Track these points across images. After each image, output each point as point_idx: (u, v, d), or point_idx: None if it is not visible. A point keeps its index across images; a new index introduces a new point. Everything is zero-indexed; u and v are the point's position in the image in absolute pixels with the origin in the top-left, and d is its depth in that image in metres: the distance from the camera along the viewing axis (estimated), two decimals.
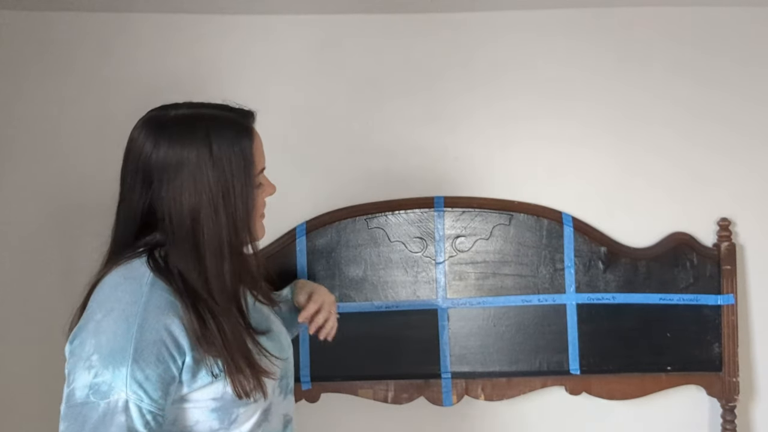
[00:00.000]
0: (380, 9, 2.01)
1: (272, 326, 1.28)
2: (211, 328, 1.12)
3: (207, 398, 1.14)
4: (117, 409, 1.06)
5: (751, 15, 2.06)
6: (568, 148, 2.06)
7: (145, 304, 1.11)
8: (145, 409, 1.07)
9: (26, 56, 1.98)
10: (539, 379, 1.99)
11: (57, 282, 1.99)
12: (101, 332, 1.09)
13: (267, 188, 1.28)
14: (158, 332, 1.09)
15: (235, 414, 1.16)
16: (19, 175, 1.99)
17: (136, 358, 1.07)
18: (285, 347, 1.29)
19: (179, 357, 1.10)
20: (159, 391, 1.08)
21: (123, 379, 1.06)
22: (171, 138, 1.17)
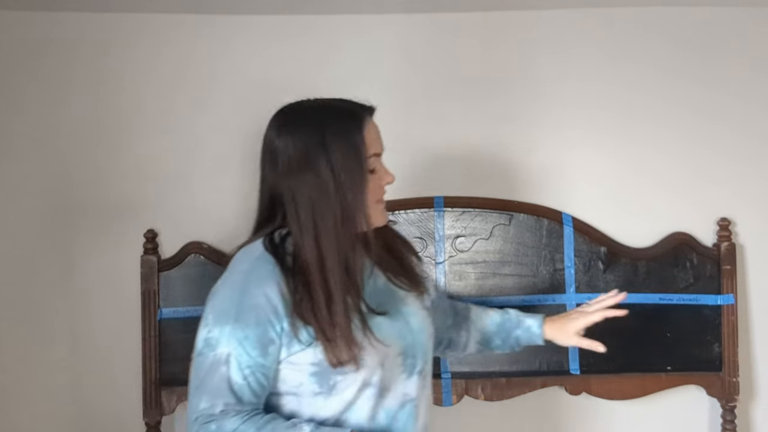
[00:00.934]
0: (379, 9, 2.01)
1: (402, 309, 1.34)
2: (307, 300, 1.23)
3: (306, 362, 1.25)
4: (221, 360, 1.22)
5: (751, 16, 2.06)
6: (568, 148, 2.06)
7: (248, 274, 1.26)
8: (244, 364, 1.22)
9: (26, 56, 1.98)
10: (539, 379, 1.99)
11: (57, 282, 1.99)
12: (216, 297, 1.29)
13: (383, 176, 1.33)
14: (257, 298, 1.23)
15: (333, 381, 1.25)
16: (19, 175, 1.99)
17: (237, 319, 1.23)
18: (406, 332, 1.33)
19: (277, 322, 1.23)
20: (257, 349, 1.22)
21: (227, 336, 1.23)
22: (290, 126, 1.30)
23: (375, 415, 1.29)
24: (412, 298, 1.38)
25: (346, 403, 1.27)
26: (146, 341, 1.93)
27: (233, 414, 1.22)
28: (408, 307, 1.36)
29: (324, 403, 1.27)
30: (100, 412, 2.00)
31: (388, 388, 1.30)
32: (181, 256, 1.97)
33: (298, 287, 1.23)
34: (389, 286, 1.36)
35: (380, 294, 1.33)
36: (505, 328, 1.62)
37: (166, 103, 2.02)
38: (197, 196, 2.02)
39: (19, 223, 1.98)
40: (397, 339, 1.30)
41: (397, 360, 1.30)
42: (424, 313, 1.39)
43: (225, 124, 2.03)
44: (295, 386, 1.27)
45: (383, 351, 1.27)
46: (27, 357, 1.99)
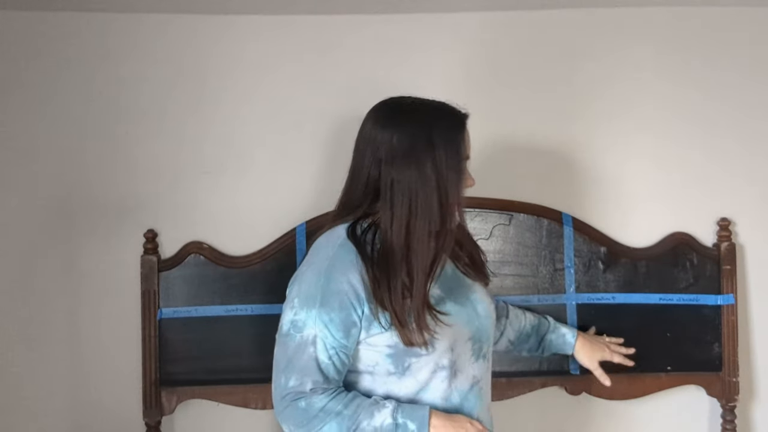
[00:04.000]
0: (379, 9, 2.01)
1: (470, 296, 1.46)
2: (385, 287, 1.33)
3: (383, 344, 1.36)
4: (308, 341, 1.34)
5: (751, 16, 2.06)
6: (567, 148, 2.06)
7: (332, 260, 1.36)
8: (329, 345, 1.34)
9: (25, 56, 1.98)
10: (539, 379, 1.99)
11: (57, 282, 1.99)
12: (302, 281, 1.38)
13: (468, 179, 1.43)
14: (341, 284, 1.34)
15: (407, 362, 1.36)
16: (19, 175, 1.98)
17: (323, 303, 1.34)
18: (474, 317, 1.43)
19: (359, 306, 1.34)
20: (341, 331, 1.34)
21: (313, 319, 1.34)
22: (395, 120, 1.40)
23: (449, 396, 1.39)
24: (479, 287, 1.50)
25: (420, 384, 1.38)
26: (146, 341, 1.93)
27: (321, 392, 1.34)
28: (476, 294, 1.47)
29: (398, 383, 1.38)
30: (100, 412, 2.00)
31: (459, 370, 1.41)
32: (181, 256, 1.97)
33: (378, 275, 1.33)
34: (457, 274, 1.47)
35: (450, 281, 1.45)
36: (540, 331, 1.79)
37: (166, 102, 2.02)
38: (197, 196, 2.02)
39: (18, 223, 1.98)
40: (466, 324, 1.42)
41: (467, 344, 1.41)
42: (489, 300, 1.51)
43: (225, 124, 2.03)
44: (372, 365, 1.39)
45: (453, 335, 1.38)
46: (27, 357, 1.99)
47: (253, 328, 1.92)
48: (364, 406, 1.35)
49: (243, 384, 1.91)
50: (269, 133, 2.03)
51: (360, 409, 1.34)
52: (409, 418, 1.33)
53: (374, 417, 1.33)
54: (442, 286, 1.42)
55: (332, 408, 1.33)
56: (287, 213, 1.98)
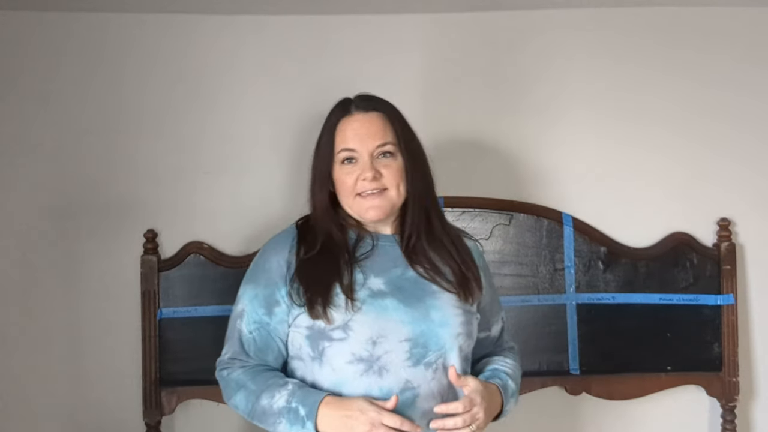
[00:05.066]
0: (379, 9, 2.01)
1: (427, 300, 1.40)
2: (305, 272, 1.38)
3: (303, 326, 1.38)
4: (238, 314, 1.43)
5: (751, 15, 2.06)
6: (568, 148, 2.06)
7: (271, 242, 1.47)
8: (252, 319, 1.41)
9: (25, 56, 1.98)
10: (539, 379, 1.99)
11: (57, 282, 1.99)
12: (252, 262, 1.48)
13: (355, 171, 1.42)
14: (270, 263, 1.41)
15: (321, 346, 1.36)
16: (19, 175, 1.98)
17: (253, 279, 1.43)
18: (421, 321, 1.38)
19: (283, 285, 1.39)
20: (263, 308, 1.40)
21: (244, 293, 1.43)
22: None
23: (370, 394, 1.33)
24: (448, 296, 1.42)
25: (336, 374, 1.35)
26: (146, 341, 1.93)
27: (239, 365, 1.40)
28: (436, 301, 1.41)
29: (319, 371, 1.37)
30: (100, 412, 2.00)
31: (386, 370, 1.34)
32: (181, 256, 1.97)
33: (300, 256, 1.40)
34: (419, 280, 1.43)
35: (404, 281, 1.42)
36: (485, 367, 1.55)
37: (166, 102, 2.02)
38: (197, 196, 2.02)
39: (19, 223, 1.98)
40: (406, 324, 1.36)
41: (403, 345, 1.35)
42: (457, 312, 1.42)
43: (224, 124, 2.03)
44: (298, 349, 1.40)
45: (380, 329, 1.35)
46: (27, 357, 1.99)
47: None
48: (270, 384, 1.36)
49: None
50: (269, 133, 2.03)
51: (264, 386, 1.36)
52: (302, 402, 1.31)
53: (274, 397, 1.34)
54: (389, 283, 1.40)
55: (242, 380, 1.38)
56: (287, 213, 1.97)
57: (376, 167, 1.40)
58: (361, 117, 1.44)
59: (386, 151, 1.42)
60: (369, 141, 1.41)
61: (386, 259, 1.43)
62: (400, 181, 1.42)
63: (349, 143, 1.42)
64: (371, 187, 1.39)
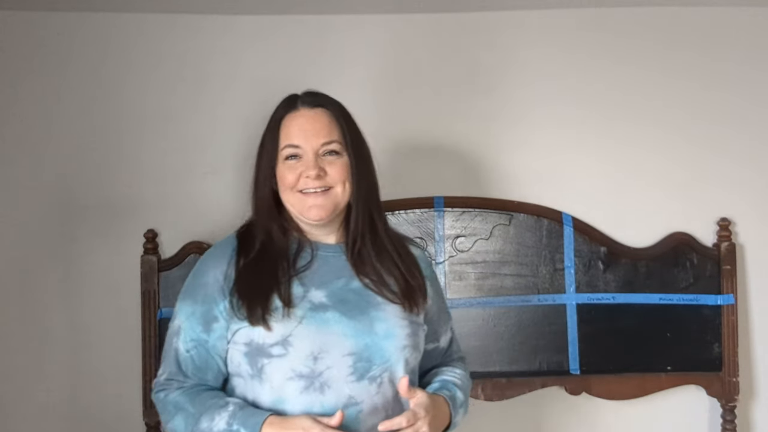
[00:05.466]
0: (379, 9, 2.01)
1: (371, 312, 1.34)
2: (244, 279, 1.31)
3: (241, 342, 1.31)
4: (174, 331, 1.35)
5: (751, 15, 2.06)
6: (568, 148, 2.06)
7: (208, 254, 1.39)
8: (189, 337, 1.32)
9: (25, 56, 1.98)
10: (539, 379, 1.99)
11: (57, 282, 1.99)
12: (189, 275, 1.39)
13: (299, 168, 1.36)
14: (207, 277, 1.33)
15: (260, 363, 1.29)
16: (19, 175, 1.98)
17: (190, 295, 1.34)
18: (365, 334, 1.31)
19: (221, 300, 1.31)
20: (200, 325, 1.32)
21: (181, 310, 1.34)
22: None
23: (311, 411, 1.26)
24: (392, 307, 1.35)
25: (276, 391, 1.28)
26: (146, 341, 1.93)
27: (177, 386, 1.33)
28: (380, 313, 1.34)
29: (260, 388, 1.30)
30: (100, 412, 2.00)
31: (328, 386, 1.28)
32: (181, 256, 1.97)
33: (240, 268, 1.32)
34: (363, 291, 1.35)
35: (346, 293, 1.34)
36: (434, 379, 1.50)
37: (166, 102, 2.02)
38: (197, 196, 2.02)
39: (19, 223, 1.98)
40: (348, 337, 1.29)
41: (346, 359, 1.28)
42: (402, 323, 1.35)
43: (224, 124, 2.03)
44: (237, 366, 1.33)
45: (322, 344, 1.28)
46: (27, 357, 1.99)
47: None
48: (209, 405, 1.29)
49: None
50: None
51: (204, 408, 1.29)
52: (243, 424, 1.25)
53: (214, 419, 1.27)
54: (331, 295, 1.32)
55: (180, 403, 1.31)
56: None
57: (320, 165, 1.33)
58: (307, 113, 1.38)
59: (332, 150, 1.35)
60: (314, 138, 1.35)
61: (328, 270, 1.35)
62: (345, 178, 1.35)
63: (293, 139, 1.35)
64: (314, 185, 1.33)
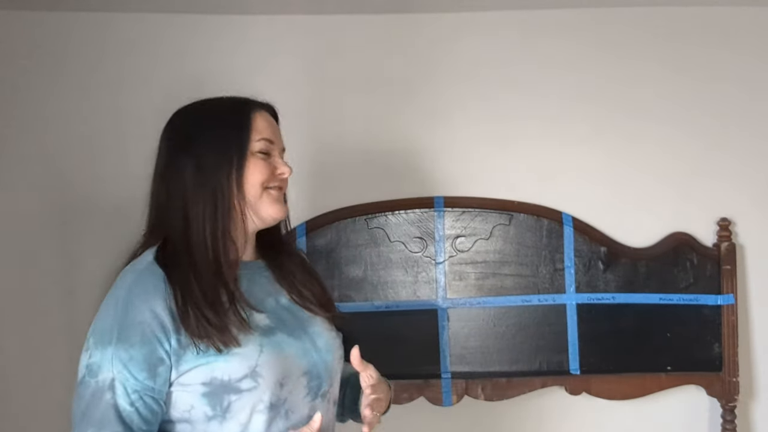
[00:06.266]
0: (379, 9, 2.01)
1: (308, 329, 1.29)
2: (191, 311, 1.15)
3: (197, 382, 1.16)
4: (105, 387, 1.12)
5: (751, 14, 2.06)
6: (568, 148, 2.06)
7: (131, 288, 1.17)
8: (130, 388, 1.12)
9: (25, 56, 1.98)
10: (539, 379, 1.99)
11: (57, 282, 1.99)
12: (97, 317, 1.19)
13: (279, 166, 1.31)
14: (142, 314, 1.14)
15: (226, 401, 1.16)
16: (19, 175, 1.98)
17: (120, 338, 1.13)
18: (311, 351, 1.27)
19: (165, 339, 1.14)
20: (144, 371, 1.13)
21: (109, 359, 1.12)
22: (166, 129, 1.35)
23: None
24: (320, 320, 1.33)
25: (242, 426, 1.18)
26: None
27: None
28: (315, 327, 1.31)
29: (219, 429, 1.17)
30: None
31: (292, 411, 1.22)
32: None
33: (184, 293, 1.16)
34: (293, 307, 1.31)
35: (282, 312, 1.29)
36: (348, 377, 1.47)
37: (166, 102, 2.00)
38: None
39: (19, 223, 1.98)
40: (300, 358, 1.24)
41: (302, 380, 1.24)
42: (333, 335, 1.34)
43: None
44: (187, 410, 1.17)
45: (284, 369, 1.21)
46: (27, 357, 1.99)
47: None
48: None
49: None
50: None
51: None
52: None
53: None
54: (271, 316, 1.25)
55: None
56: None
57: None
58: (269, 117, 1.35)
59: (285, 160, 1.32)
60: (280, 141, 1.33)
61: (257, 289, 1.27)
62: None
63: (266, 134, 1.30)
64: (283, 185, 1.31)
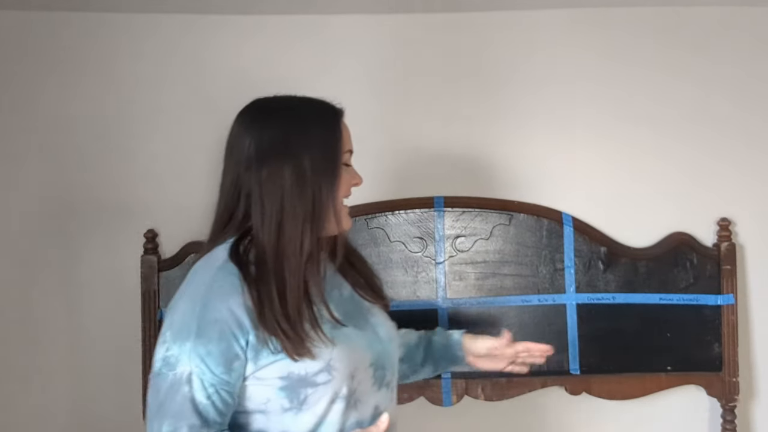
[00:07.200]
0: (379, 9, 2.01)
1: (370, 319, 1.34)
2: (268, 306, 1.18)
3: (274, 376, 1.20)
4: (182, 380, 1.16)
5: (750, 15, 2.06)
6: (568, 148, 2.06)
7: (210, 285, 1.20)
8: (207, 382, 1.16)
9: (25, 56, 1.98)
10: (539, 379, 1.99)
11: (57, 282, 1.99)
12: (175, 312, 1.21)
13: (354, 176, 1.33)
14: (220, 312, 1.17)
15: (303, 394, 1.21)
16: (19, 175, 1.99)
17: (199, 334, 1.16)
18: (375, 341, 1.31)
19: (242, 336, 1.17)
20: (221, 366, 1.16)
21: (187, 353, 1.16)
22: (261, 120, 1.32)
23: (344, 428, 1.24)
24: (378, 309, 1.37)
25: (318, 417, 1.22)
26: (146, 341, 1.93)
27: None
28: (375, 318, 1.35)
29: (294, 420, 1.22)
30: (100, 412, 2.00)
31: (360, 400, 1.26)
32: (181, 256, 1.97)
33: (261, 294, 1.18)
34: (355, 297, 1.35)
35: (346, 304, 1.32)
36: (425, 337, 1.58)
37: (166, 102, 2.02)
38: (197, 196, 2.01)
39: (19, 223, 1.98)
40: (367, 349, 1.28)
41: (368, 371, 1.27)
42: (391, 324, 1.38)
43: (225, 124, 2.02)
44: (263, 403, 1.21)
45: (354, 361, 1.24)
46: (27, 357, 1.99)
47: None
48: None
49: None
50: None
51: None
52: None
53: None
54: (338, 309, 1.26)
55: None
56: None
57: None
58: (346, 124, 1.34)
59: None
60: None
61: (325, 283, 1.29)
62: None
63: (349, 144, 1.31)
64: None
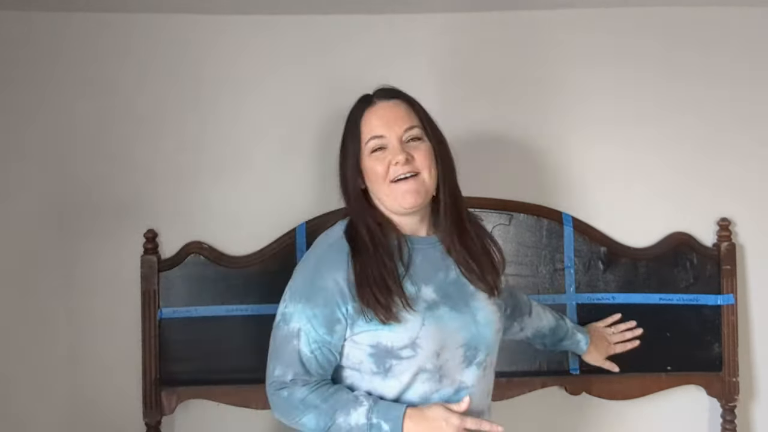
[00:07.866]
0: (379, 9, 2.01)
1: (471, 303, 1.44)
2: (364, 286, 1.36)
3: (366, 343, 1.38)
4: (293, 334, 1.40)
5: (750, 15, 2.06)
6: (568, 148, 2.06)
7: (322, 257, 1.42)
8: (312, 339, 1.38)
9: (25, 56, 1.98)
10: (539, 379, 1.99)
11: (57, 282, 1.99)
12: (295, 276, 1.45)
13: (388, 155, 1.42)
14: (327, 281, 1.38)
15: (388, 363, 1.38)
16: (19, 175, 1.98)
17: (309, 298, 1.39)
18: (471, 324, 1.42)
19: (343, 304, 1.37)
20: (324, 327, 1.38)
21: (299, 312, 1.39)
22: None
23: (429, 398, 1.39)
24: (483, 294, 1.46)
25: (403, 385, 1.39)
26: (146, 341, 1.93)
27: (302, 384, 1.39)
28: (477, 302, 1.45)
29: (381, 383, 1.39)
30: (100, 412, 2.00)
31: (445, 375, 1.40)
32: (181, 256, 1.97)
33: (360, 273, 1.37)
34: (460, 280, 1.45)
35: (449, 286, 1.43)
36: (557, 334, 1.83)
37: (166, 102, 2.02)
38: (197, 196, 2.02)
39: (19, 224, 1.98)
40: (459, 330, 1.40)
41: (459, 351, 1.40)
42: (494, 309, 1.48)
43: (225, 124, 2.03)
44: (357, 363, 1.41)
45: (442, 340, 1.38)
46: (27, 357, 1.99)
47: (253, 328, 1.91)
48: (342, 401, 1.38)
49: (243, 384, 1.91)
50: (269, 133, 2.03)
51: (338, 405, 1.38)
52: (384, 418, 1.35)
53: (350, 414, 1.36)
54: (438, 290, 1.42)
55: (312, 401, 1.38)
56: (287, 213, 1.98)
57: (406, 150, 1.41)
58: (385, 104, 1.45)
59: (414, 136, 1.43)
60: (396, 126, 1.42)
61: (429, 264, 1.44)
62: (430, 164, 1.43)
63: (376, 130, 1.42)
64: (404, 171, 1.39)
